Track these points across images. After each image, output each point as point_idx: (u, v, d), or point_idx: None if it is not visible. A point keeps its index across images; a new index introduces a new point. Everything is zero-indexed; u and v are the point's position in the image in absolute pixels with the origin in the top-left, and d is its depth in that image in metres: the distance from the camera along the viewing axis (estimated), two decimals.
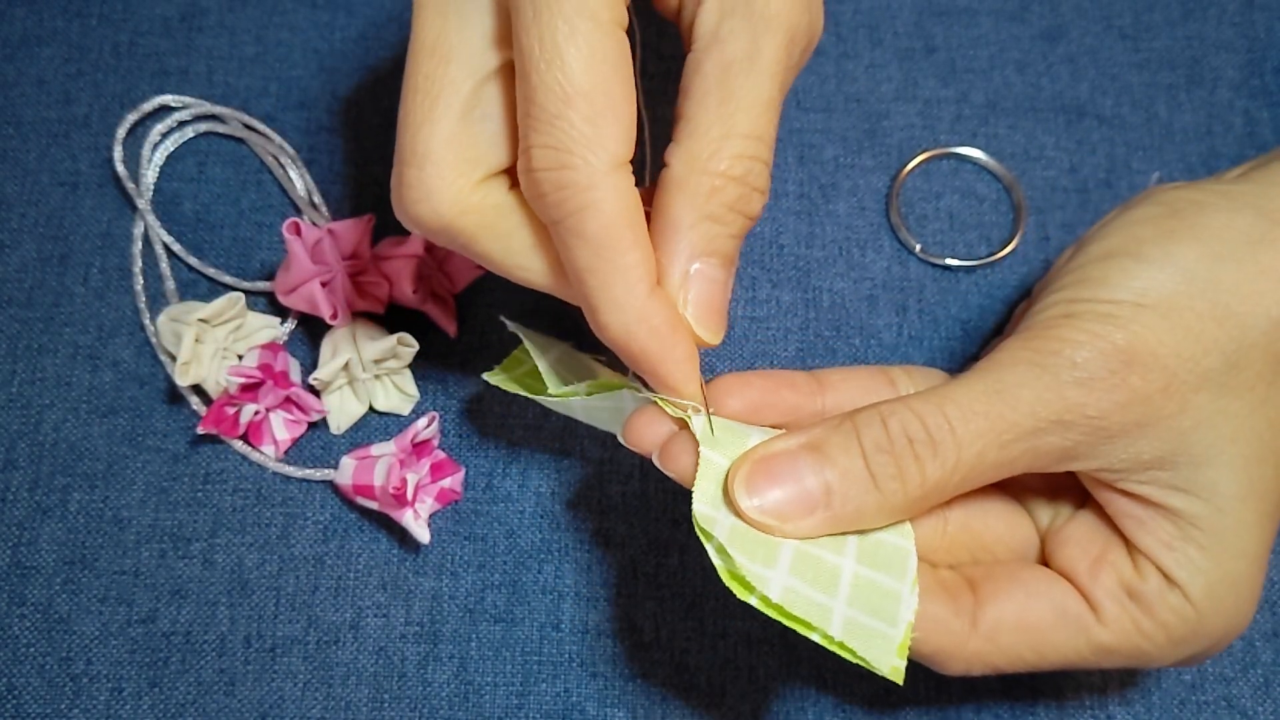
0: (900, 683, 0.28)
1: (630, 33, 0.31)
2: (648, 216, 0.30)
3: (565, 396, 0.34)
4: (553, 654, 0.38)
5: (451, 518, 0.40)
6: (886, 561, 0.30)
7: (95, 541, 0.39)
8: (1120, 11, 0.48)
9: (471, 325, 0.42)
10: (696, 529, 0.30)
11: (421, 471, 0.39)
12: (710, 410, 0.31)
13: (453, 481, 0.40)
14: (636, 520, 0.40)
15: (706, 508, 0.30)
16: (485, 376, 0.37)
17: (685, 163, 0.29)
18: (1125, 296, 0.29)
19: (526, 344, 0.35)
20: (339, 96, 0.45)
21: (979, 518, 0.33)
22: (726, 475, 0.30)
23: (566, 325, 0.41)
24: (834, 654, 0.28)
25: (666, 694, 0.38)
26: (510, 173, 0.31)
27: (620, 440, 0.33)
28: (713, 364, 0.42)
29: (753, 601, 0.29)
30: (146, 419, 0.41)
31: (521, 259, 0.31)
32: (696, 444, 0.31)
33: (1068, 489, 0.33)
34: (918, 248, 0.44)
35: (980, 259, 0.44)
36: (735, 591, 0.29)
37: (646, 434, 0.32)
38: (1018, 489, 0.34)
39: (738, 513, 0.30)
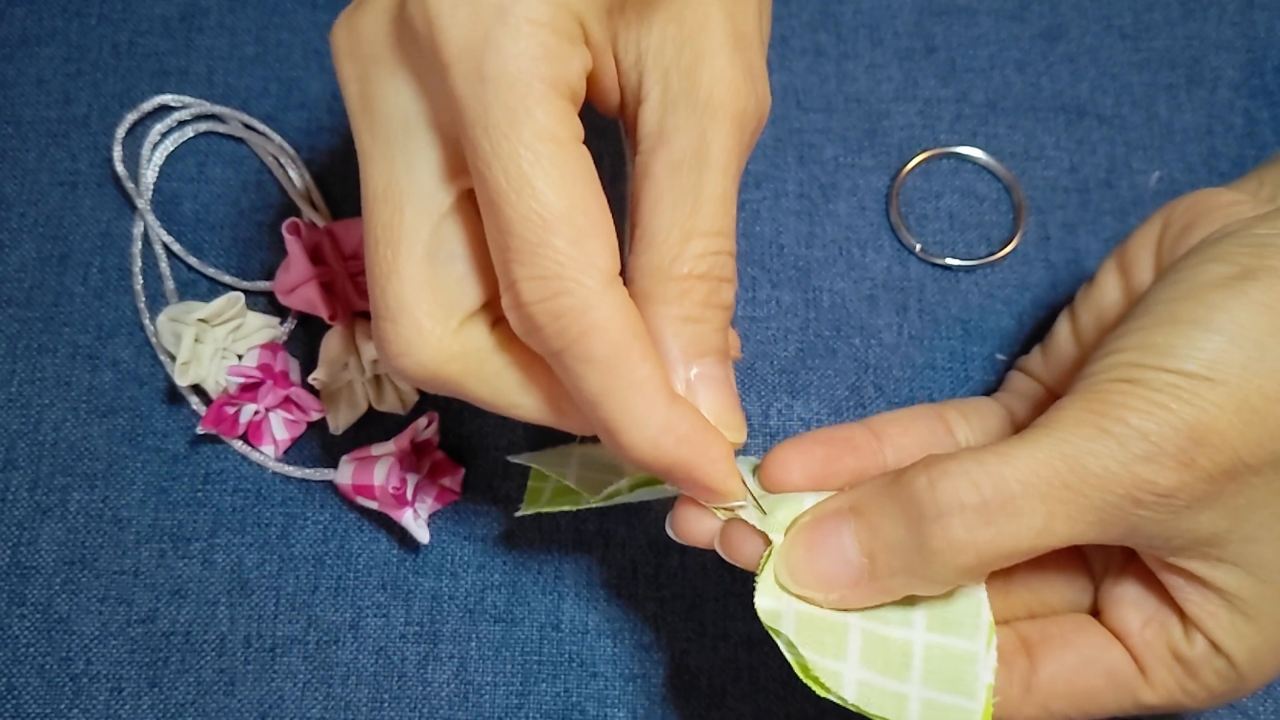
0: None
1: None
2: None
3: (609, 500, 0.33)
4: (553, 654, 0.38)
5: (451, 518, 0.40)
6: (958, 619, 0.29)
7: (95, 541, 0.39)
8: (1120, 11, 0.48)
9: None
10: (764, 625, 0.29)
11: (421, 471, 0.39)
12: (756, 498, 0.30)
13: (452, 481, 0.40)
14: (636, 521, 0.40)
15: (769, 600, 0.29)
16: (518, 515, 0.36)
17: (649, 275, 0.29)
18: (1193, 369, 0.27)
19: (543, 469, 0.35)
20: (339, 96, 0.45)
21: (1042, 576, 0.32)
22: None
23: None
24: None
25: (666, 694, 0.38)
26: (486, 310, 0.30)
27: (669, 531, 0.32)
28: None
29: (833, 699, 0.28)
30: (146, 419, 0.41)
31: (512, 398, 0.30)
32: (759, 531, 0.30)
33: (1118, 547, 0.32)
34: (918, 248, 0.44)
35: (980, 259, 0.44)
36: (813, 688, 0.28)
37: (697, 527, 0.31)
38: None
39: (785, 581, 0.29)
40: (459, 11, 0.26)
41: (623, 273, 0.28)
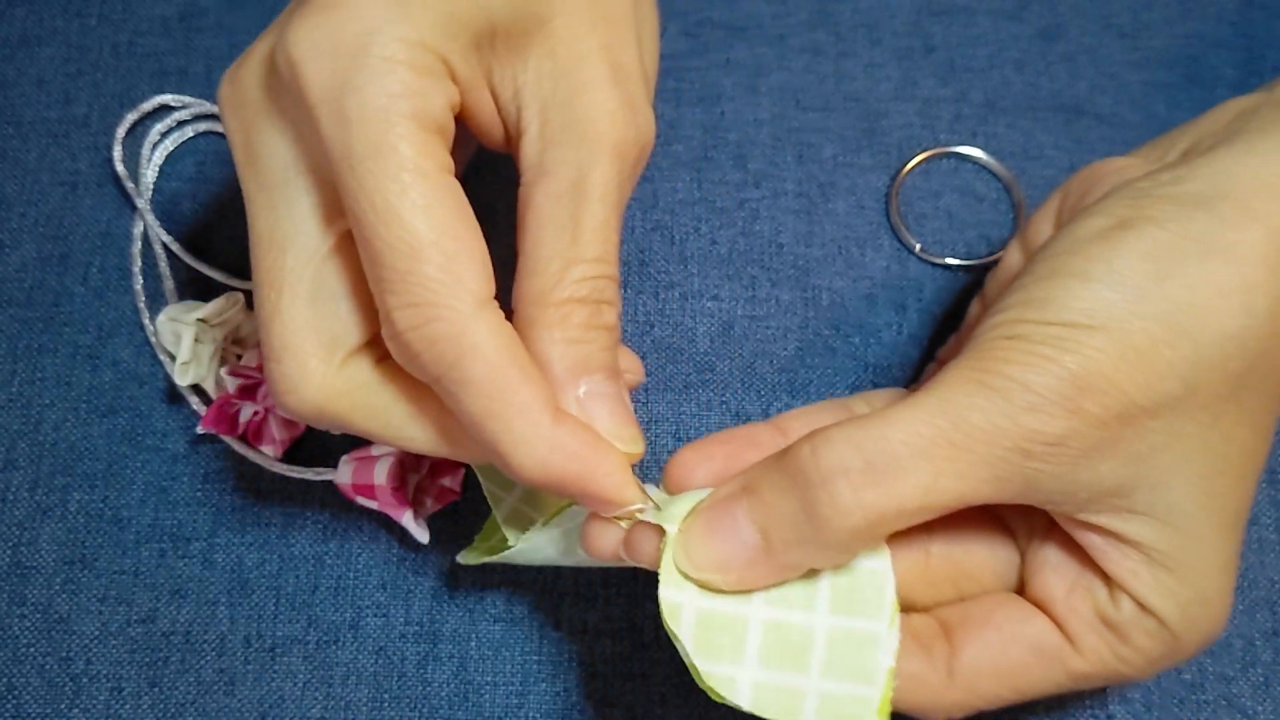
0: None
1: None
2: None
3: (527, 536, 0.33)
4: (553, 654, 0.38)
5: (451, 517, 0.40)
6: (862, 597, 0.29)
7: (95, 541, 0.39)
8: (1118, 11, 0.48)
9: None
10: (665, 627, 0.29)
11: (421, 471, 0.39)
12: (656, 504, 0.30)
13: (452, 481, 0.40)
14: None
15: (672, 591, 0.29)
16: (459, 558, 0.36)
17: (531, 302, 0.29)
18: (1073, 318, 0.27)
19: (485, 488, 0.35)
20: None
21: (961, 546, 0.32)
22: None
23: None
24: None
25: (666, 694, 0.38)
26: (372, 346, 0.30)
27: (585, 554, 0.31)
28: (713, 363, 0.42)
29: (730, 703, 0.28)
30: (146, 419, 0.41)
31: (403, 431, 0.30)
32: (657, 527, 0.29)
33: (1038, 511, 0.32)
34: (917, 247, 0.44)
35: (980, 258, 0.44)
36: (710, 694, 0.28)
37: (603, 541, 0.31)
38: (998, 508, 0.33)
39: (684, 566, 0.29)
40: (319, 57, 0.27)
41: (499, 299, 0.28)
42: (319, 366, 0.29)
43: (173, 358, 0.40)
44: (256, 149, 0.29)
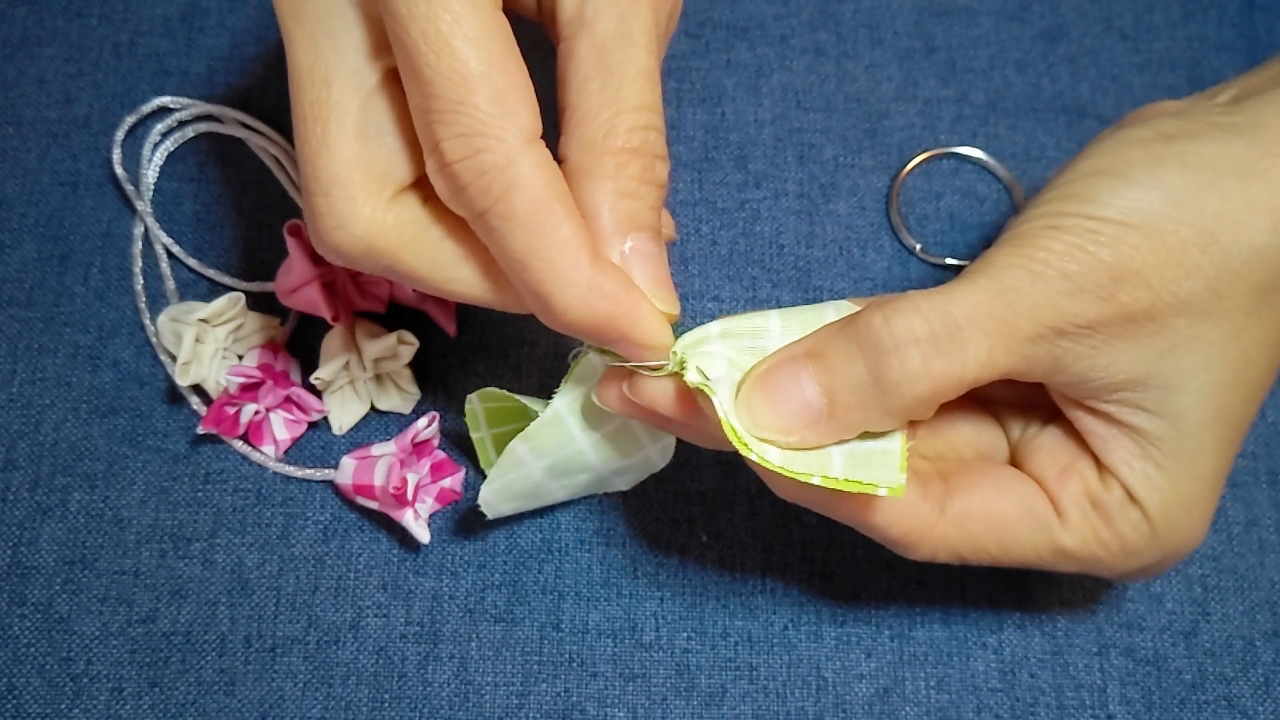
0: (901, 495, 0.28)
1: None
2: None
3: (543, 407, 0.33)
4: (553, 654, 0.38)
5: (451, 518, 0.40)
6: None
7: (95, 541, 0.39)
8: (1121, 12, 0.48)
9: (471, 324, 0.42)
10: (698, 384, 0.29)
11: (421, 471, 0.39)
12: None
13: (453, 481, 0.40)
14: (636, 519, 0.40)
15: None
16: (481, 503, 0.35)
17: (582, 150, 0.29)
18: (1111, 214, 0.29)
19: (518, 400, 0.35)
20: None
21: (949, 423, 0.34)
22: (738, 391, 0.30)
23: None
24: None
25: (666, 694, 0.38)
26: (419, 187, 0.30)
27: (595, 398, 0.32)
28: None
29: (752, 459, 0.29)
30: (146, 419, 0.41)
31: (450, 270, 0.30)
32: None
33: (1038, 405, 0.33)
34: (918, 248, 0.44)
35: None
36: (737, 448, 0.29)
37: (612, 386, 0.31)
38: (991, 401, 0.34)
39: (746, 427, 0.29)
40: None
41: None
42: (368, 200, 0.29)
43: (173, 358, 0.40)
44: None
